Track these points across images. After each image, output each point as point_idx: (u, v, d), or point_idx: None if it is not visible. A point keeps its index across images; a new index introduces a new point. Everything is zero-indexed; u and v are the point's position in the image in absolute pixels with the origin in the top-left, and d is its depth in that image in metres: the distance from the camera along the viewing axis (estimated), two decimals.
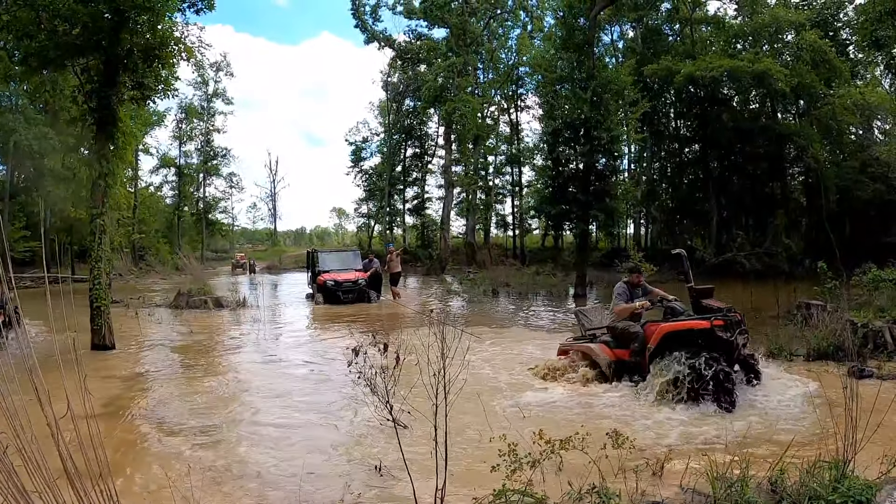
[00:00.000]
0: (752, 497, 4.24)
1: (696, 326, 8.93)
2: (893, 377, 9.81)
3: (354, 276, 25.94)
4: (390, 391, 4.30)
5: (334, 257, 28.80)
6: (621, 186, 32.35)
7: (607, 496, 4.48)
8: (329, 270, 26.40)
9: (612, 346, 10.14)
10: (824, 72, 38.68)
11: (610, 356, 10.01)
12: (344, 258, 28.68)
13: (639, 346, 9.49)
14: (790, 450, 4.94)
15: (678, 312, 9.66)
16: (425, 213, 61.49)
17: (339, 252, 31.26)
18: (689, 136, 48.15)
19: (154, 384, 10.85)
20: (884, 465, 4.67)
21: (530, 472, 4.65)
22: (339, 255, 29.77)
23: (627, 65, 35.01)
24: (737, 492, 4.28)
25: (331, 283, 25.19)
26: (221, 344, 15.69)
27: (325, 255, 29.09)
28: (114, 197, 15.47)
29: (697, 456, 5.16)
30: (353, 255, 29.67)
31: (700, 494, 4.56)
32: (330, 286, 25.13)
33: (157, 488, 5.94)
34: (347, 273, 26.20)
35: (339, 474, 6.11)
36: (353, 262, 28.18)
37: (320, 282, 25.63)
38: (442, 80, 44.01)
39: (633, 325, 9.87)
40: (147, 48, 14.48)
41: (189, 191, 67.71)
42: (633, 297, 10.26)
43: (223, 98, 66.89)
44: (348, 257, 29.01)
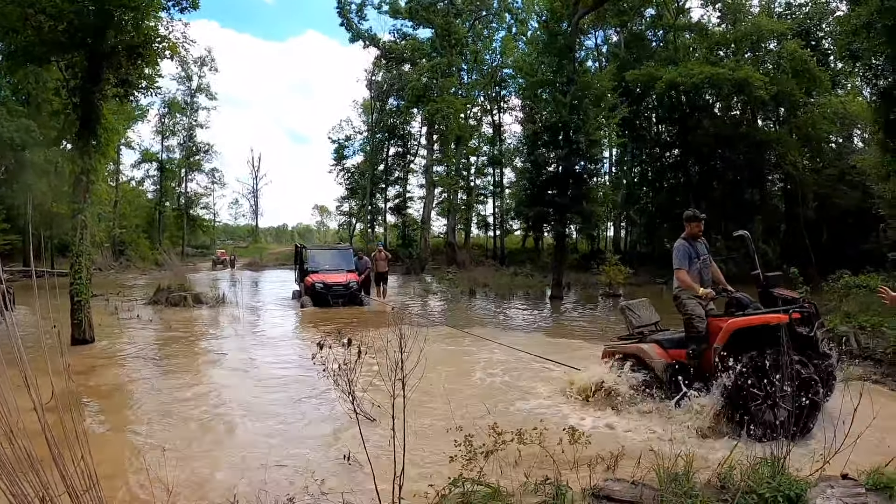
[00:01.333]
0: (694, 490, 4.53)
1: (774, 321, 7.36)
2: (857, 379, 9.87)
3: (346, 279, 24.00)
4: (353, 384, 4.52)
5: (324, 255, 26.38)
6: (600, 190, 32.63)
7: (561, 488, 4.74)
8: (318, 270, 24.37)
9: (665, 346, 8.68)
10: (805, 81, 39.23)
11: (665, 359, 8.52)
12: (335, 257, 26.36)
13: (697, 346, 8.09)
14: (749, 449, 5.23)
15: (744, 304, 8.13)
16: (407, 212, 61.47)
17: (329, 249, 28.39)
18: (670, 141, 48.60)
19: (129, 379, 11.01)
20: (816, 462, 5.00)
21: (483, 462, 4.89)
22: (330, 253, 27.22)
23: (609, 70, 35.28)
24: (681, 485, 4.57)
25: (320, 286, 23.19)
26: (198, 341, 15.73)
27: (314, 252, 26.76)
28: (95, 193, 15.61)
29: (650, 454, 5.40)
30: (345, 253, 27.26)
31: (649, 488, 4.81)
32: (319, 289, 23.13)
33: (133, 470, 6.20)
34: (338, 274, 24.23)
35: (308, 464, 6.34)
36: (344, 261, 25.93)
37: (308, 283, 23.65)
38: (426, 80, 44.22)
39: (697, 316, 8.19)
40: (131, 46, 14.54)
41: (171, 186, 67.37)
42: (697, 254, 8.57)
43: (207, 93, 66.85)
44: (339, 256, 26.61)
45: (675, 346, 8.51)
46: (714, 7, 46.30)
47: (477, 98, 54.93)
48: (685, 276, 8.31)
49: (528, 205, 31.69)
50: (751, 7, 45.61)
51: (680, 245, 8.56)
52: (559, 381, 10.30)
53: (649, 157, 50.69)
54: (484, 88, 54.42)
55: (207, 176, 70.33)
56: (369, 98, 61.03)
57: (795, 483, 4.29)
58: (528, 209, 31.88)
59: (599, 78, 30.48)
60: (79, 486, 3.61)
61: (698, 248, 8.62)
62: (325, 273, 24.12)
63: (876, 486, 4.50)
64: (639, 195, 50.06)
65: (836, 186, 38.41)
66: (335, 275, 24.08)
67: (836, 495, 4.37)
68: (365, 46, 50.79)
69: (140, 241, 54.90)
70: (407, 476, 4.49)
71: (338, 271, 24.55)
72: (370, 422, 7.13)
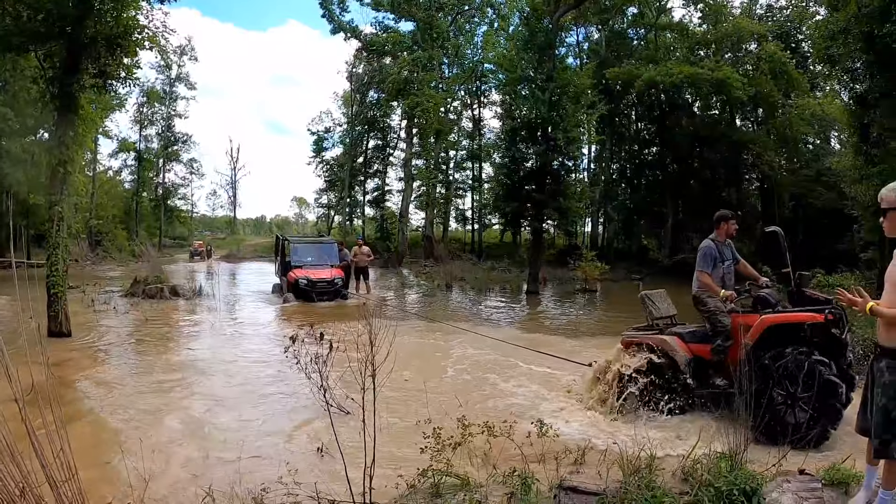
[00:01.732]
0: (655, 482, 4.68)
1: (810, 320, 7.21)
2: None
3: (331, 274, 23.13)
4: (326, 377, 4.61)
5: (308, 249, 25.21)
6: (578, 186, 32.81)
7: (528, 480, 4.88)
8: (302, 265, 23.46)
9: (686, 339, 8.30)
10: (783, 83, 39.69)
11: (686, 352, 8.15)
12: (319, 250, 25.31)
13: (723, 342, 7.78)
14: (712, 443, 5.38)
15: (771, 303, 7.88)
16: (385, 205, 61.47)
17: (314, 243, 26.98)
18: (649, 139, 49.05)
19: (104, 372, 11.03)
20: (774, 457, 5.18)
21: (452, 454, 5.01)
22: (315, 246, 25.93)
23: (589, 68, 35.50)
24: (644, 477, 4.72)
25: (304, 282, 22.35)
26: (174, 334, 15.75)
27: (297, 245, 25.53)
28: (72, 184, 15.54)
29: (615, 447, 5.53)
30: (330, 247, 26.17)
31: (614, 480, 4.96)
32: (303, 285, 22.27)
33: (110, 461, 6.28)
34: (323, 270, 23.34)
35: (281, 455, 6.45)
36: (329, 255, 25.03)
37: (291, 278, 22.67)
38: (406, 74, 44.13)
39: (721, 311, 7.93)
40: (111, 36, 14.44)
41: (148, 176, 66.74)
42: (722, 258, 8.22)
43: (186, 83, 65.94)
44: (324, 250, 25.59)
45: (696, 340, 8.24)
46: (695, 7, 46.60)
47: (457, 92, 54.94)
48: (707, 279, 8.01)
49: (506, 200, 31.75)
50: (732, 8, 46.01)
51: (706, 247, 8.20)
52: (537, 377, 10.45)
53: (628, 154, 51.10)
54: (464, 83, 54.45)
55: (185, 166, 69.79)
56: (349, 90, 60.96)
57: (752, 477, 4.43)
58: (506, 204, 31.94)
59: (579, 75, 30.62)
60: (58, 477, 3.69)
61: (724, 252, 8.28)
62: (310, 268, 23.31)
63: (832, 481, 4.65)
64: (616, 192, 50.38)
65: (811, 187, 38.85)
66: (320, 270, 23.25)
67: (792, 490, 4.52)
68: (346, 38, 50.52)
69: (117, 232, 54.12)
70: (378, 467, 4.60)
71: (322, 266, 23.69)
72: (344, 414, 7.23)
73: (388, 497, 4.82)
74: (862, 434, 4.30)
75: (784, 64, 38.32)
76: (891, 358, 3.91)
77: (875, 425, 3.96)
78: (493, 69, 50.80)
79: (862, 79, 19.80)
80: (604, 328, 18.38)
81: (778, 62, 38.24)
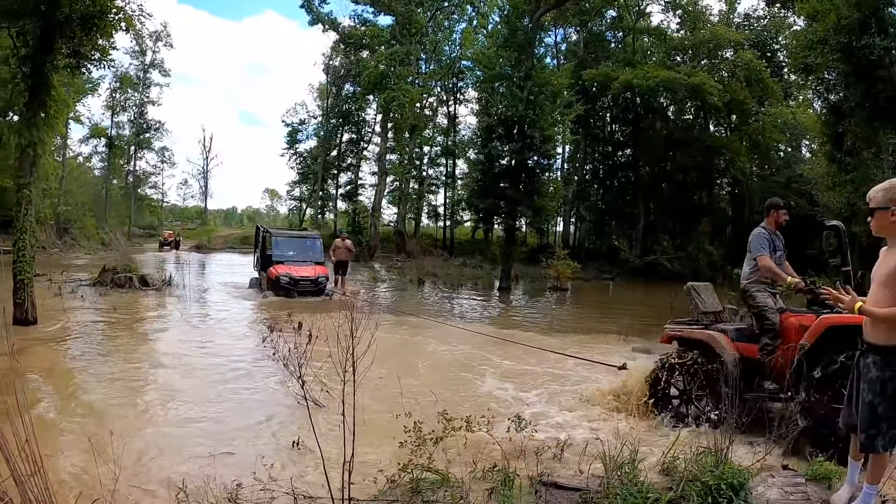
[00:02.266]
0: (640, 478, 4.66)
1: None
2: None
3: (314, 273, 21.92)
4: (303, 368, 4.52)
5: (291, 243, 23.70)
6: (552, 185, 32.93)
7: (508, 475, 4.83)
8: (284, 261, 22.09)
9: (732, 337, 7.59)
10: (758, 90, 40.30)
11: (734, 351, 7.40)
12: (303, 246, 23.80)
13: (772, 341, 7.11)
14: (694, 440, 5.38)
15: (829, 303, 6.68)
16: (357, 199, 61.39)
17: (297, 237, 25.11)
18: (623, 140, 49.45)
19: (71, 362, 10.81)
20: (759, 454, 5.19)
21: (433, 449, 4.95)
22: (298, 241, 24.33)
23: (566, 68, 35.60)
24: (626, 473, 4.69)
25: (285, 280, 21.06)
26: (143, 324, 15.49)
27: (279, 238, 23.84)
28: (42, 167, 15.24)
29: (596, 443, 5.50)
30: (314, 242, 24.53)
31: (595, 476, 4.93)
32: (284, 283, 21.00)
33: (77, 456, 6.13)
34: (306, 268, 21.99)
35: (256, 450, 6.33)
36: (313, 251, 23.74)
37: (272, 274, 21.45)
38: (383, 68, 43.98)
39: (770, 308, 7.24)
40: (86, 16, 14.12)
41: (119, 163, 65.89)
42: (774, 248, 7.47)
43: (160, 69, 65.01)
44: (308, 245, 24.10)
45: (743, 339, 7.51)
46: (674, 13, 47.10)
47: (434, 88, 54.98)
48: (769, 262, 7.20)
49: (480, 196, 31.79)
50: (710, 15, 46.56)
51: (760, 232, 7.51)
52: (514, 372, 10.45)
53: (601, 155, 51.47)
54: (441, 79, 54.48)
55: (157, 154, 69.01)
56: (326, 82, 60.72)
57: (738, 472, 4.43)
58: (480, 201, 31.98)
59: (557, 75, 30.75)
60: (23, 470, 3.56)
61: (776, 241, 7.56)
62: (292, 265, 21.89)
63: (815, 476, 4.70)
64: (589, 192, 50.77)
65: (782, 193, 39.28)
66: (303, 268, 21.91)
67: (777, 484, 4.57)
68: (324, 30, 50.28)
69: (85, 219, 52.91)
70: (357, 462, 4.52)
71: (306, 263, 22.37)
72: (320, 408, 7.12)
73: (368, 493, 4.74)
74: (846, 430, 4.34)
75: (759, 72, 38.88)
76: (877, 354, 3.96)
77: (861, 420, 4.01)
78: (470, 66, 50.89)
79: (837, 89, 20.04)
80: (577, 326, 18.53)
81: (753, 70, 38.78)
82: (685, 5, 45.94)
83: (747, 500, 4.24)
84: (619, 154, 50.27)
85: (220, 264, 38.90)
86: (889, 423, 3.93)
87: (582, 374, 10.62)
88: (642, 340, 14.35)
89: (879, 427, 3.94)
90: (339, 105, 59.71)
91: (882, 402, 3.93)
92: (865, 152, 18.14)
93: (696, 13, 45.49)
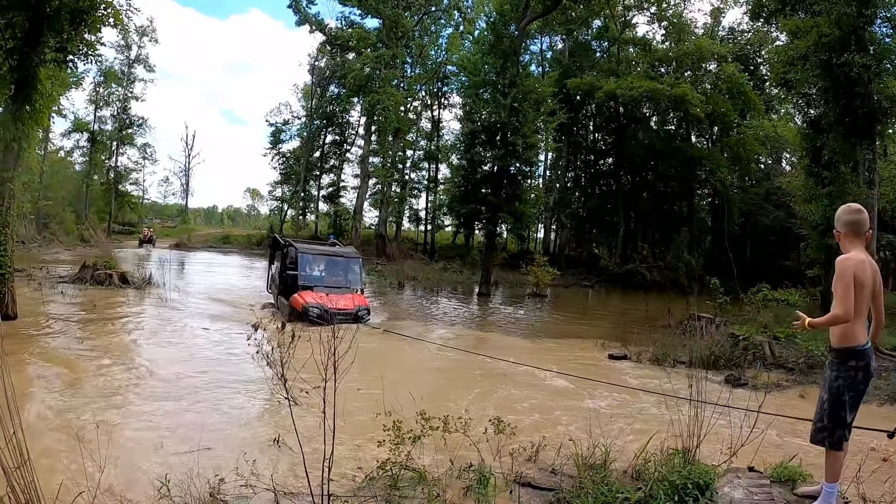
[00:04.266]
0: (611, 477, 4.81)
1: None
2: (766, 387, 10.14)
3: (353, 304, 16.71)
4: (286, 367, 4.59)
5: (324, 263, 18.26)
6: (533, 192, 33.10)
7: (484, 474, 4.95)
8: (313, 286, 16.88)
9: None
10: (740, 103, 40.71)
11: None
12: (338, 268, 18.51)
13: None
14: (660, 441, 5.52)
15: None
16: (339, 201, 61.40)
17: (331, 257, 18.84)
18: (605, 149, 49.81)
19: (52, 358, 10.79)
20: (724, 455, 5.35)
21: (411, 447, 5.05)
22: (332, 262, 18.56)
23: (551, 76, 35.89)
24: (598, 473, 4.83)
25: (315, 312, 15.45)
26: (124, 322, 15.41)
27: (308, 255, 18.03)
28: (26, 161, 15.16)
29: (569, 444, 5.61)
30: (353, 263, 18.97)
31: (568, 476, 5.06)
32: (314, 315, 15.32)
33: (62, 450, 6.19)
34: (343, 297, 16.96)
35: (237, 447, 6.40)
36: (351, 275, 18.53)
37: (297, 304, 16.10)
38: (369, 71, 44.02)
39: None
40: (75, 10, 14.09)
41: (100, 159, 64.99)
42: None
43: (145, 65, 63.82)
44: (345, 267, 18.68)
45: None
46: (660, 25, 47.46)
47: (418, 92, 55.08)
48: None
49: (462, 201, 31.89)
50: (695, 28, 47.00)
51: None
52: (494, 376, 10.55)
53: (584, 163, 51.82)
54: (426, 83, 54.58)
55: (139, 151, 68.32)
56: (311, 83, 60.59)
57: (705, 472, 4.58)
58: (461, 206, 32.08)
59: (541, 83, 30.99)
60: (10, 463, 3.64)
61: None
62: (325, 292, 16.72)
63: (779, 478, 4.84)
64: (570, 200, 50.98)
65: (761, 205, 39.97)
66: (339, 296, 16.88)
67: (743, 485, 4.72)
68: (311, 31, 50.22)
69: (66, 214, 52.33)
70: (336, 459, 4.61)
71: (341, 290, 17.47)
72: (301, 407, 7.18)
73: (346, 489, 4.85)
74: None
75: (742, 85, 39.25)
76: (831, 354, 4.26)
77: (815, 415, 4.27)
78: (455, 71, 51.03)
79: (817, 104, 20.32)
80: (559, 331, 18.81)
81: (736, 83, 39.15)
82: (670, 17, 46.34)
83: (713, 500, 4.38)
84: (601, 162, 50.63)
85: (200, 262, 38.64)
86: (834, 421, 4.16)
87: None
88: (619, 347, 14.55)
89: (825, 424, 4.17)
90: (324, 106, 59.66)
91: (828, 400, 4.18)
92: (843, 166, 18.39)
93: (681, 25, 45.89)
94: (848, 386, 4.10)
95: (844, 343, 4.13)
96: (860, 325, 4.12)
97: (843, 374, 4.12)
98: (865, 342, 4.14)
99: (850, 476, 4.67)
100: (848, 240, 4.25)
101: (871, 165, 18.44)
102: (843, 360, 4.13)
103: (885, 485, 4.72)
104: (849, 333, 4.10)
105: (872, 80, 17.57)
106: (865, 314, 4.18)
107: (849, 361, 4.11)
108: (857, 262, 4.10)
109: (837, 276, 4.08)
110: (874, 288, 4.19)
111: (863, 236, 4.26)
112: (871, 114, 17.90)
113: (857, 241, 4.24)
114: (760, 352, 13.23)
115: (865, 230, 4.28)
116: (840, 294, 4.04)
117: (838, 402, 4.14)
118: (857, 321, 4.09)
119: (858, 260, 4.12)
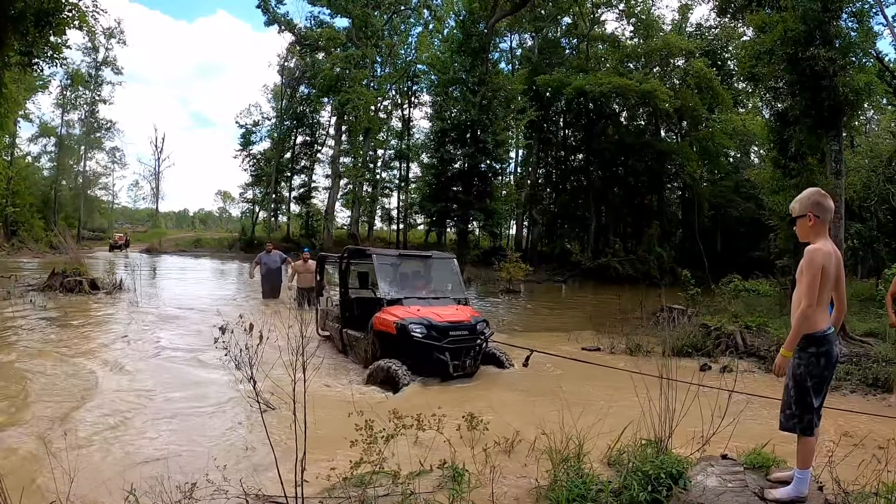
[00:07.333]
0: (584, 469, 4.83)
1: None
2: (737, 372, 10.02)
3: (467, 316, 10.81)
4: (255, 368, 4.56)
5: (412, 269, 13.27)
6: (504, 189, 33.22)
7: (458, 471, 4.95)
8: (401, 299, 11.07)
9: None
10: (708, 97, 41.17)
11: None
12: (430, 272, 13.17)
13: None
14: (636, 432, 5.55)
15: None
16: (311, 202, 61.40)
17: (418, 259, 13.92)
18: (576, 145, 50.03)
19: (20, 367, 10.63)
20: (697, 444, 5.40)
21: (384, 446, 5.03)
22: (420, 266, 13.45)
23: (521, 74, 36.08)
24: (572, 466, 4.85)
25: (420, 330, 10.00)
26: (94, 328, 15.17)
27: (386, 263, 12.22)
28: None
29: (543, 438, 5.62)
30: (448, 265, 13.21)
31: (543, 470, 5.07)
32: (420, 337, 9.97)
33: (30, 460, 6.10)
34: (446, 308, 11.06)
35: (207, 451, 6.33)
36: (449, 279, 12.90)
37: (386, 325, 10.35)
38: (339, 71, 43.96)
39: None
40: (41, 12, 13.98)
41: (69, 164, 64.37)
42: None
43: (113, 67, 63.53)
44: (439, 270, 13.27)
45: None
46: (628, 21, 47.83)
47: (388, 91, 55.09)
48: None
49: (433, 200, 32.01)
50: (663, 24, 47.43)
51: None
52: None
53: (554, 159, 52.03)
54: (396, 82, 54.59)
55: (108, 155, 67.80)
56: (280, 84, 60.36)
57: (678, 461, 4.61)
58: (432, 204, 32.18)
59: (511, 80, 31.12)
60: None
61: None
62: (422, 305, 11.04)
63: (753, 465, 4.88)
64: (542, 196, 51.24)
65: (730, 197, 40.46)
66: (444, 309, 11.00)
67: (716, 473, 4.75)
68: (280, 31, 50.21)
69: (34, 221, 51.56)
70: (309, 460, 4.58)
71: (439, 301, 11.60)
72: (272, 409, 7.13)
73: (320, 490, 4.82)
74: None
75: (710, 80, 39.75)
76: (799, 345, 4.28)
77: (782, 402, 4.35)
78: (425, 70, 51.07)
79: (783, 97, 20.50)
80: (532, 324, 19.22)
81: (704, 78, 39.61)
82: (639, 14, 46.74)
83: (686, 488, 4.41)
84: (571, 158, 50.85)
85: (172, 268, 38.26)
86: (802, 407, 4.22)
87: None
88: (591, 339, 14.65)
89: (794, 411, 4.24)
90: (294, 107, 59.44)
91: (793, 387, 4.25)
92: (810, 158, 18.56)
93: (650, 22, 46.35)
94: (810, 372, 4.16)
95: (804, 330, 4.18)
96: (820, 312, 4.17)
97: (805, 361, 4.17)
98: (826, 328, 4.19)
99: (824, 462, 4.71)
100: (817, 228, 4.28)
101: (838, 156, 18.63)
102: (804, 347, 4.19)
103: (857, 468, 4.77)
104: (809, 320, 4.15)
105: (838, 74, 17.75)
106: (827, 302, 4.24)
107: (809, 348, 4.17)
108: (826, 255, 4.15)
109: (806, 266, 4.12)
110: (837, 275, 4.25)
111: (828, 224, 4.32)
112: (836, 106, 18.08)
113: (824, 229, 4.29)
114: (732, 341, 13.36)
115: (831, 218, 4.34)
116: (806, 285, 4.09)
117: (802, 389, 4.20)
118: (818, 309, 4.14)
119: (826, 252, 4.16)
